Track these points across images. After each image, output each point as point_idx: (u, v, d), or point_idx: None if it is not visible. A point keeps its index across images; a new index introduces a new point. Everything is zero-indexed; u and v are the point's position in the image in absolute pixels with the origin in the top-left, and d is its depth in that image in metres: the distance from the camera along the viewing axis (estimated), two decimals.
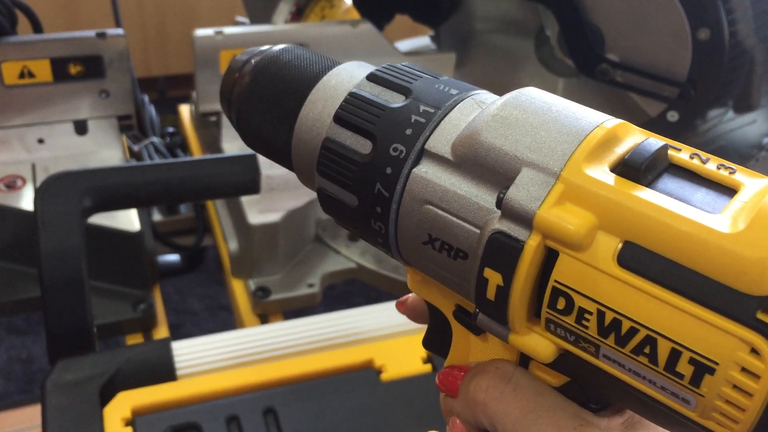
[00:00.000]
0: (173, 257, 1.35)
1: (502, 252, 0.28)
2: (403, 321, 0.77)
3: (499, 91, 0.33)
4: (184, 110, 1.35)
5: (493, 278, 0.28)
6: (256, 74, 0.37)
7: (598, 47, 1.00)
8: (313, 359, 0.70)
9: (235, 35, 1.01)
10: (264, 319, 1.02)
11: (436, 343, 0.37)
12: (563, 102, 0.31)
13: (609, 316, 0.26)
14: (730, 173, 0.27)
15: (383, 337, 0.75)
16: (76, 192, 0.71)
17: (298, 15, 1.14)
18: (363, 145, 0.33)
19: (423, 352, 0.71)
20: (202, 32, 1.00)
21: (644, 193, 0.26)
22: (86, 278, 0.70)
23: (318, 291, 1.05)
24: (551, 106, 0.30)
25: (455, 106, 0.32)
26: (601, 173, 0.27)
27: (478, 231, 0.29)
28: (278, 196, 0.85)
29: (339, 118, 0.34)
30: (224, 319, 1.91)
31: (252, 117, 0.37)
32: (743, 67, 0.95)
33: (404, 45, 1.19)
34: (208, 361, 0.70)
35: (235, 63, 0.38)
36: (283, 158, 0.38)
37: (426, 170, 0.31)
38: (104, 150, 1.05)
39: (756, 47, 0.93)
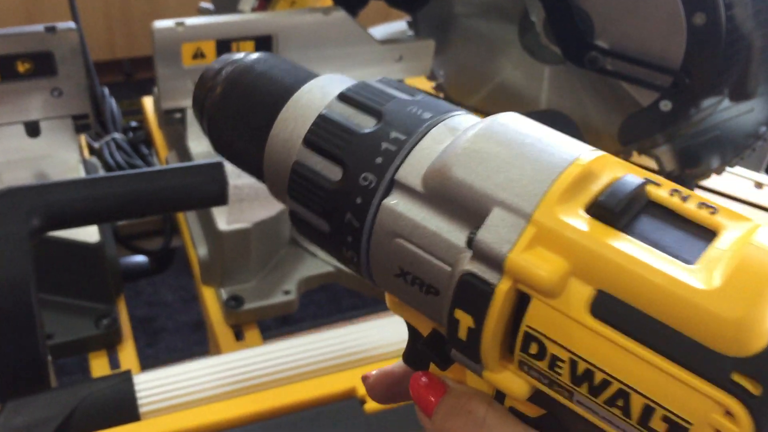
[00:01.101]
0: (141, 258, 1.28)
1: (473, 294, 0.27)
2: (387, 341, 0.72)
3: (482, 80, 0.28)
4: (148, 103, 1.27)
5: (464, 320, 0.28)
6: (227, 86, 0.36)
7: (587, 34, 0.94)
8: (290, 390, 0.65)
9: (197, 26, 0.94)
10: (238, 329, 0.96)
11: (416, 359, 0.36)
12: (540, 132, 0.30)
13: (582, 366, 0.26)
14: (711, 213, 0.26)
15: (366, 360, 0.69)
16: (21, 211, 0.64)
17: (266, 1, 1.06)
18: (333, 172, 0.32)
19: None
20: (161, 24, 0.93)
21: (618, 240, 0.25)
22: (36, 307, 0.63)
23: (295, 298, 0.99)
24: (525, 138, 0.29)
25: (427, 133, 0.31)
26: (575, 216, 0.26)
27: (449, 268, 0.29)
28: (248, 207, 0.79)
29: (308, 142, 0.32)
30: (199, 312, 1.86)
31: (223, 130, 0.36)
32: (740, 54, 0.90)
33: (380, 31, 1.12)
34: (175, 395, 0.64)
35: (207, 72, 0.37)
36: (255, 174, 0.37)
37: (396, 202, 0.30)
38: (59, 152, 0.97)
39: (754, 32, 0.88)
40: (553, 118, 0.92)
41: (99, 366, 0.88)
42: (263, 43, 0.98)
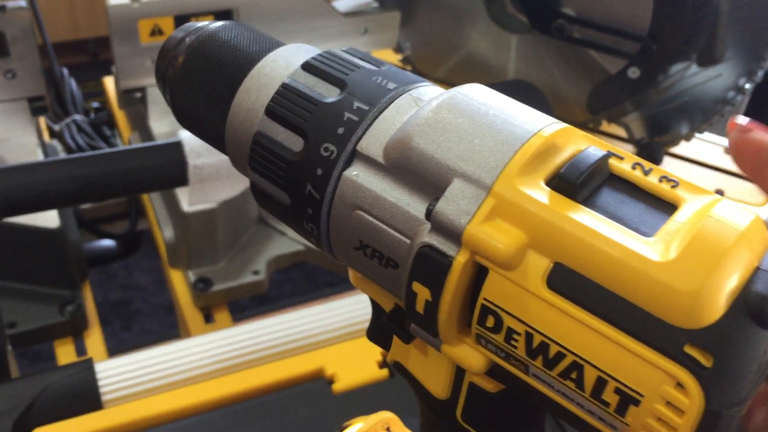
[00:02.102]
0: (108, 242, 1.26)
1: (431, 267, 0.27)
2: (355, 320, 0.71)
3: (449, 51, 0.27)
4: (109, 83, 1.23)
5: (422, 292, 0.28)
6: (190, 55, 0.35)
7: (553, 1, 0.93)
8: (257, 373, 0.63)
9: (154, 2, 0.91)
10: (207, 312, 0.95)
11: (380, 336, 0.36)
12: (503, 103, 0.29)
13: (537, 339, 0.26)
14: (672, 187, 0.26)
15: (334, 340, 0.68)
16: None
17: None
18: (294, 143, 0.31)
19: (378, 355, 0.65)
20: (116, 1, 0.90)
21: (577, 212, 0.25)
22: None
23: (264, 278, 0.97)
24: (488, 110, 0.28)
25: (391, 103, 0.30)
26: (535, 188, 0.26)
27: (408, 241, 0.28)
28: (210, 186, 0.77)
29: (270, 112, 0.32)
30: None
31: (186, 101, 0.36)
32: (707, 19, 0.89)
33: (344, 4, 1.10)
34: (139, 382, 0.63)
35: (169, 41, 0.36)
36: (218, 145, 0.36)
37: (357, 173, 0.30)
38: (15, 136, 0.94)
39: None
40: (520, 88, 0.91)
41: (65, 353, 0.87)
42: (224, 17, 0.96)
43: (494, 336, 0.27)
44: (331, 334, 0.68)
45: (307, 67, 0.32)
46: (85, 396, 0.60)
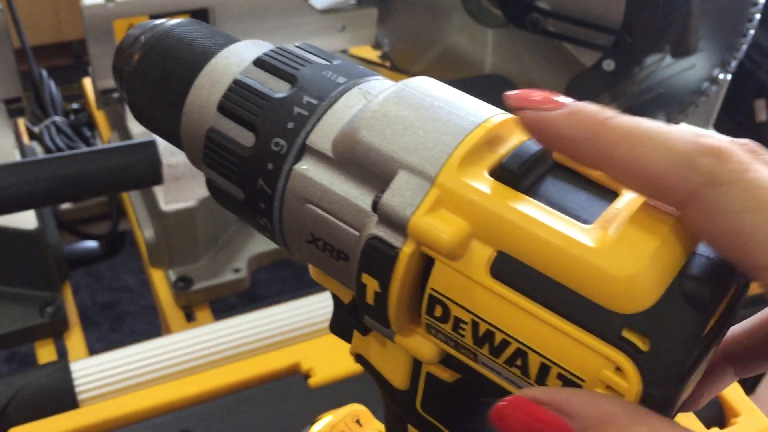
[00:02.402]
0: (91, 243, 1.26)
1: (378, 258, 0.27)
2: (330, 315, 0.71)
3: (426, 47, 0.28)
4: (88, 84, 1.23)
5: (371, 284, 0.28)
6: (145, 53, 0.35)
7: None
8: (232, 369, 0.64)
9: (129, 2, 0.91)
10: (188, 311, 0.95)
11: (341, 329, 0.36)
12: (450, 95, 0.29)
13: (483, 327, 0.26)
14: None
15: (310, 335, 0.68)
16: None
17: None
18: (246, 138, 0.31)
19: None
20: (91, 1, 0.90)
21: (519, 202, 0.25)
22: None
23: (246, 276, 0.98)
24: (434, 101, 0.29)
25: (340, 98, 0.31)
26: (478, 178, 0.26)
27: (357, 234, 0.29)
28: (186, 185, 0.77)
29: (222, 108, 0.32)
30: None
31: (142, 99, 0.36)
32: (680, 10, 0.89)
33: (321, 1, 1.10)
34: (115, 381, 0.63)
35: (126, 39, 0.36)
36: (175, 142, 0.36)
37: (307, 167, 0.30)
38: None
39: None
40: (495, 83, 0.91)
41: (45, 355, 0.87)
42: (199, 16, 0.95)
43: (443, 325, 0.28)
44: (306, 329, 0.69)
45: (258, 62, 0.32)
46: (60, 395, 0.61)
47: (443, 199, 0.26)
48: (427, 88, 0.30)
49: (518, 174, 0.26)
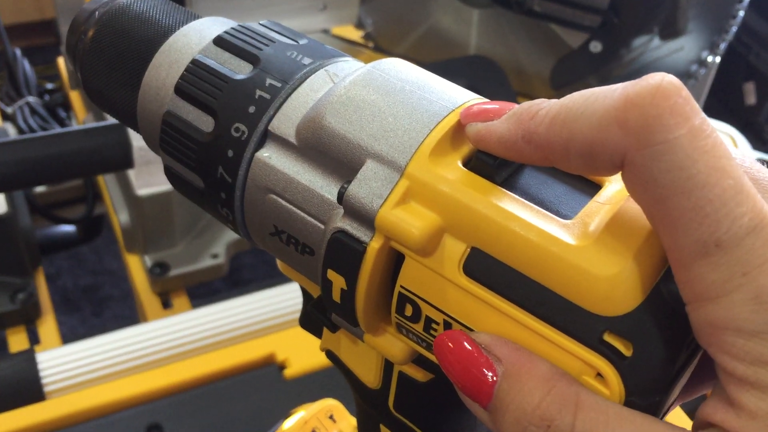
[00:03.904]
0: (67, 228, 1.23)
1: (344, 254, 0.26)
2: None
3: (410, 27, 0.25)
4: (63, 64, 1.20)
5: (337, 281, 0.26)
6: (99, 29, 0.33)
7: None
8: (205, 360, 0.62)
9: None
10: (165, 297, 0.93)
11: (311, 323, 0.35)
12: (422, 79, 0.27)
13: (455, 328, 0.24)
14: None
15: (285, 325, 0.66)
16: None
17: None
18: (205, 123, 0.29)
19: None
20: None
21: (493, 195, 0.24)
22: None
23: (224, 262, 0.95)
24: (405, 85, 0.27)
25: (305, 80, 0.29)
26: (451, 169, 0.25)
27: (322, 227, 0.27)
28: (159, 169, 0.74)
29: (179, 90, 0.30)
30: None
31: (96, 78, 0.34)
32: None
33: None
34: (82, 372, 0.61)
35: (79, 14, 0.34)
36: (132, 125, 0.34)
37: (269, 155, 0.28)
38: None
39: None
40: (479, 64, 0.89)
41: (17, 342, 0.84)
42: None
43: (413, 325, 0.26)
44: (281, 319, 0.67)
45: (219, 41, 0.30)
46: (25, 387, 0.59)
47: (413, 190, 0.25)
48: (399, 70, 0.28)
49: (494, 165, 0.24)
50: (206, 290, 1.65)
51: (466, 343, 0.23)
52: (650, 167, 0.20)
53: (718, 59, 0.96)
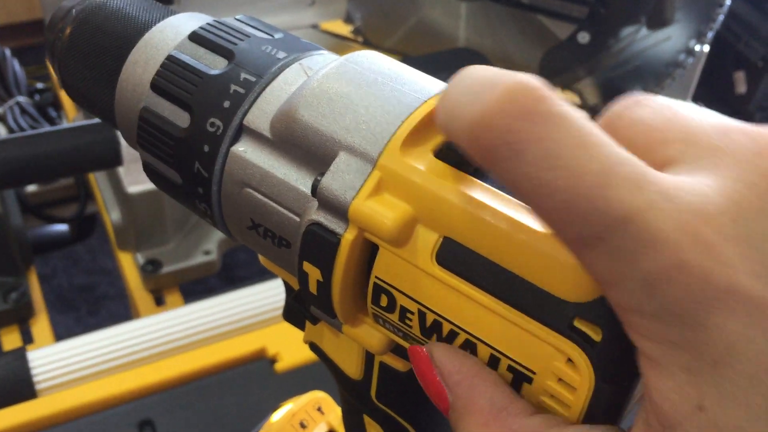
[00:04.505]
0: (60, 227, 1.23)
1: (319, 246, 0.26)
2: None
3: (399, 20, 0.25)
4: None
5: (313, 273, 0.26)
6: (76, 26, 0.33)
7: None
8: (196, 355, 0.62)
9: None
10: (158, 294, 0.93)
11: (293, 316, 0.34)
12: (395, 71, 0.27)
13: (430, 317, 0.25)
14: None
15: (276, 319, 0.66)
16: None
17: None
18: (181, 118, 0.29)
19: None
20: None
21: (465, 185, 0.24)
22: None
23: (216, 258, 0.96)
24: (378, 77, 0.27)
25: (280, 74, 0.29)
26: (423, 159, 0.25)
27: (297, 219, 0.27)
28: None
29: (155, 86, 0.30)
30: None
31: (74, 75, 0.34)
32: None
33: None
34: (74, 369, 0.61)
35: (57, 12, 0.34)
36: (111, 122, 0.34)
37: (244, 149, 0.28)
38: None
39: None
40: (466, 56, 0.89)
41: (10, 342, 0.84)
42: None
43: (389, 315, 0.26)
44: (272, 314, 0.67)
45: (194, 37, 0.31)
46: (17, 385, 0.59)
47: (386, 181, 0.25)
48: (372, 62, 0.28)
49: (465, 155, 0.25)
50: (202, 288, 1.66)
51: (426, 365, 0.25)
52: (508, 183, 0.20)
53: (706, 48, 0.96)
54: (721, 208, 0.19)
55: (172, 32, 0.31)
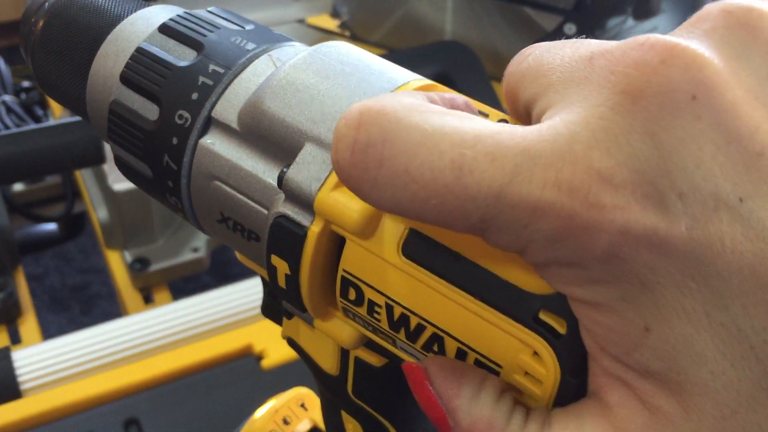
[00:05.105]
0: (49, 226, 1.22)
1: (286, 238, 0.26)
2: None
3: (386, 14, 0.25)
4: None
5: (281, 266, 0.26)
6: (49, 19, 0.33)
7: None
8: (182, 353, 0.62)
9: None
10: (147, 293, 0.93)
11: (271, 311, 0.35)
12: (363, 61, 0.27)
13: (397, 311, 0.24)
14: None
15: (262, 316, 0.66)
16: None
17: None
18: (150, 111, 0.29)
19: None
20: None
21: None
22: None
23: (204, 255, 0.95)
24: (345, 68, 0.27)
25: (249, 65, 0.29)
26: None
27: (265, 212, 0.27)
28: None
29: (125, 78, 0.30)
30: None
31: (46, 68, 0.34)
32: None
33: None
34: (58, 369, 0.61)
35: (31, 5, 0.34)
36: (83, 115, 0.34)
37: (213, 141, 0.28)
38: None
39: None
40: (452, 49, 0.89)
41: None
42: None
43: (358, 309, 0.26)
44: (258, 310, 0.67)
45: (163, 29, 0.30)
46: (1, 386, 0.58)
47: None
48: (340, 53, 0.28)
49: None
50: (194, 286, 1.65)
51: (425, 388, 0.23)
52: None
53: None
54: (589, 142, 0.18)
55: (143, 24, 0.31)
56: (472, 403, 0.22)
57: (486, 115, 0.26)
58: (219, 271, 1.78)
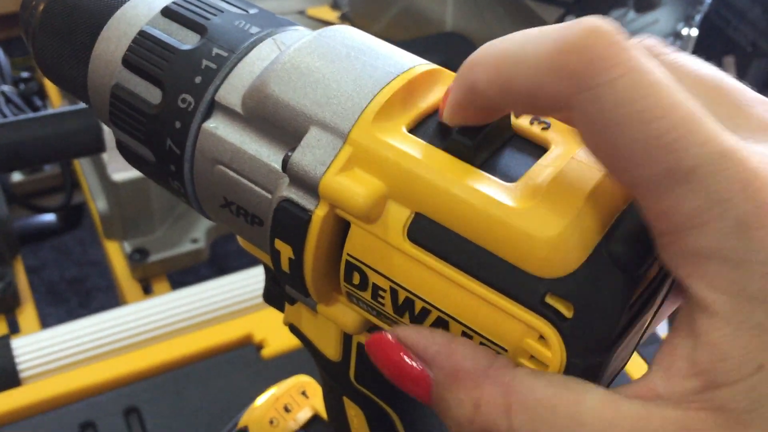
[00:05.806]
0: (47, 217, 1.22)
1: (290, 222, 0.26)
2: None
3: (386, 5, 0.25)
4: None
5: (284, 250, 0.26)
6: (49, 3, 0.33)
7: None
8: (182, 342, 0.62)
9: None
10: (146, 284, 0.92)
11: (273, 297, 0.34)
12: (368, 45, 0.27)
13: (402, 295, 0.24)
14: (543, 129, 0.25)
15: (262, 305, 0.66)
16: None
17: None
18: (152, 94, 0.29)
19: None
20: None
21: (436, 159, 0.24)
22: None
23: (204, 246, 0.95)
24: (351, 52, 0.26)
25: (252, 49, 0.28)
26: (394, 134, 0.24)
27: (269, 196, 0.27)
28: None
29: (127, 62, 0.30)
30: None
31: (47, 52, 0.33)
32: None
33: None
34: (58, 357, 0.61)
35: None
36: (85, 99, 0.34)
37: (216, 125, 0.28)
38: None
39: None
40: (452, 41, 0.88)
41: None
42: None
43: (362, 293, 0.26)
44: (258, 300, 0.67)
45: (166, 12, 0.30)
46: (1, 374, 0.58)
47: (357, 156, 0.25)
48: (345, 36, 0.28)
49: (435, 127, 0.25)
50: (193, 278, 1.65)
51: (396, 351, 0.23)
52: (593, 109, 0.19)
53: (694, 32, 0.96)
54: None
55: (145, 7, 0.31)
56: (450, 347, 0.22)
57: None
58: (218, 264, 1.78)
